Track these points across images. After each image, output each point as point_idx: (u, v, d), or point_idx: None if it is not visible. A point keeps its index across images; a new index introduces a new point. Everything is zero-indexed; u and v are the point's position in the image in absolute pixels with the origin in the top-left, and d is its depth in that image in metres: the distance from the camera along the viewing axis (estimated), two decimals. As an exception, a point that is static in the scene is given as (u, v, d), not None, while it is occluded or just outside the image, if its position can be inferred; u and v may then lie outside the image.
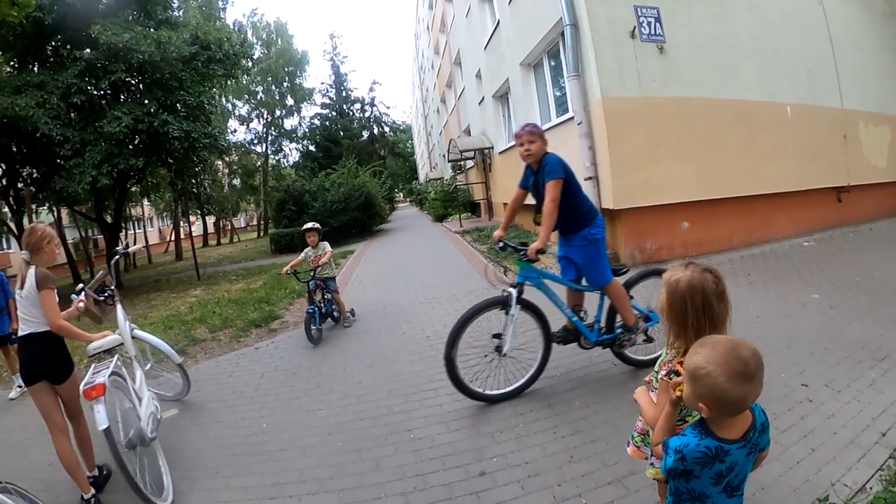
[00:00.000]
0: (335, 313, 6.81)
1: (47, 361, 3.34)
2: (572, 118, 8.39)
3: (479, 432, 3.48)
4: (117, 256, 5.19)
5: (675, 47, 8.00)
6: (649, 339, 4.15)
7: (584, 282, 4.13)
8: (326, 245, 6.79)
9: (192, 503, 3.18)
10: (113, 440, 3.01)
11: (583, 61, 7.92)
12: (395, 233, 22.12)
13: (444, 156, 29.35)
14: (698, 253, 7.91)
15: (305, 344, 6.04)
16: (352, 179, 22.41)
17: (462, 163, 24.43)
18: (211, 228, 46.69)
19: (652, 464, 1.98)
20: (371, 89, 50.35)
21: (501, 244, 4.05)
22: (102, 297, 4.14)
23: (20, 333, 3.40)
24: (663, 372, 1.87)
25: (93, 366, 3.42)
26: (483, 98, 17.39)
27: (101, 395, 3.06)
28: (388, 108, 64.08)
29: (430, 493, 2.89)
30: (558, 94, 10.20)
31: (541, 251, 3.75)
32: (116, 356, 3.57)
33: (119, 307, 4.22)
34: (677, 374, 1.75)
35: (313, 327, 6.11)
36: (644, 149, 7.73)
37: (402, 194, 52.52)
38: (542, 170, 3.86)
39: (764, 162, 8.50)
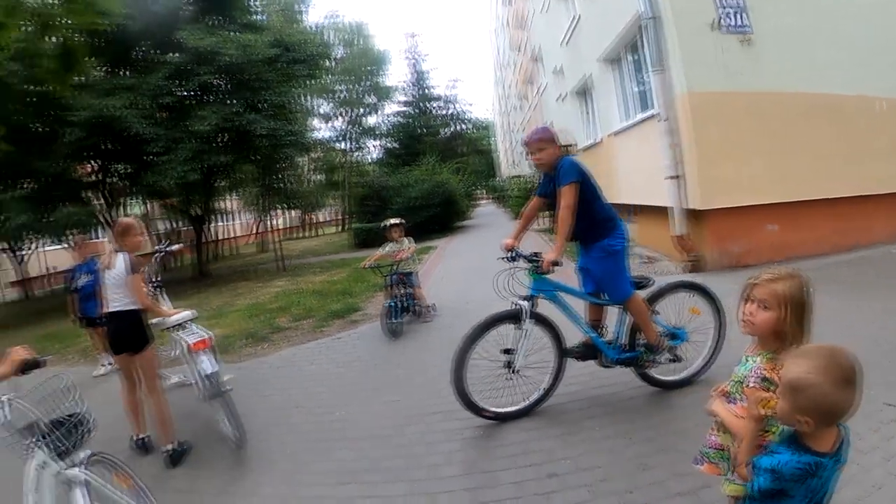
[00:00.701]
0: (416, 308, 6.89)
1: (130, 334, 4.01)
2: (654, 115, 8.15)
3: (549, 434, 3.47)
4: (161, 254, 5.58)
5: (760, 39, 7.58)
6: (676, 359, 3.84)
7: (603, 295, 3.84)
8: (409, 240, 6.91)
9: (270, 485, 3.34)
10: (217, 382, 3.89)
11: (665, 55, 7.67)
12: (476, 230, 22.22)
13: (524, 153, 29.19)
14: (787, 258, 7.50)
15: (385, 337, 6.18)
16: (433, 176, 22.65)
17: (544, 160, 24.27)
18: (295, 222, 48.26)
19: (730, 480, 1.90)
20: (451, 87, 50.53)
21: (512, 254, 3.76)
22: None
23: (108, 310, 4.04)
24: (752, 380, 1.76)
25: (179, 332, 4.22)
26: (563, 94, 17.15)
27: (207, 347, 4.04)
28: (468, 105, 64.03)
29: (500, 490, 2.92)
30: (638, 89, 9.92)
31: (556, 263, 3.52)
32: (193, 325, 4.31)
33: (164, 296, 5.08)
34: (771, 382, 1.67)
35: (392, 321, 6.26)
36: (731, 147, 7.40)
37: (482, 191, 52.56)
38: (557, 175, 3.63)
39: (856, 161, 7.89)
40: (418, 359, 5.34)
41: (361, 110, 44.53)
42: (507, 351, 3.70)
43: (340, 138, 44.31)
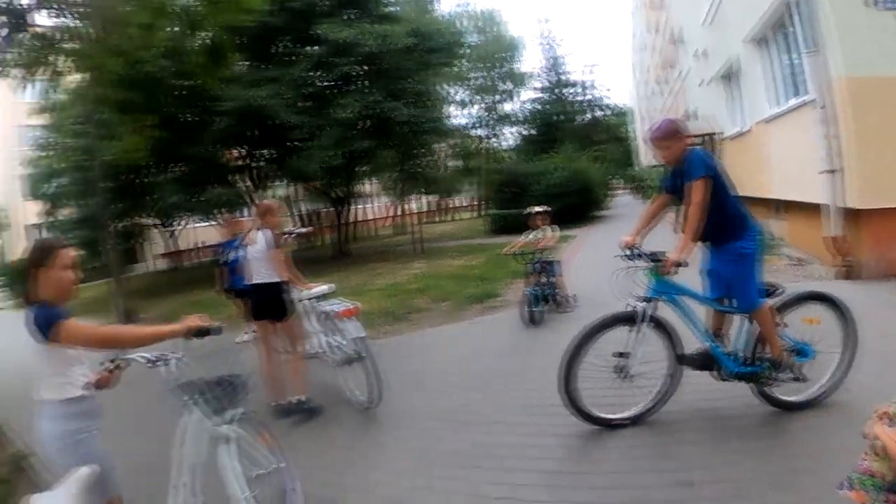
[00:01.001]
0: (556, 297, 6.84)
1: (272, 304, 4.59)
2: (808, 101, 7.33)
3: (687, 439, 3.35)
4: (290, 235, 5.87)
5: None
6: (800, 378, 3.45)
7: (729, 302, 3.54)
8: (553, 229, 6.90)
9: (403, 460, 3.55)
10: (364, 345, 4.44)
11: (819, 35, 6.82)
12: (615, 220, 21.59)
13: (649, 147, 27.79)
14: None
15: (522, 324, 6.24)
16: (571, 164, 22.30)
17: (686, 149, 23.00)
18: (430, 207, 49.53)
19: None
20: (587, 72, 48.78)
21: (631, 252, 3.52)
22: None
23: (252, 282, 4.69)
24: None
25: (322, 303, 4.83)
26: (706, 79, 16.03)
27: (355, 315, 4.55)
28: (606, 90, 61.62)
29: (630, 493, 2.86)
30: (790, 73, 9.00)
31: (679, 264, 3.26)
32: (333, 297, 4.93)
33: None
34: None
35: (531, 309, 6.29)
36: (896, 138, 6.52)
37: (619, 180, 50.68)
38: (685, 169, 3.38)
39: None
40: (555, 349, 5.27)
41: (497, 97, 44.42)
42: (620, 354, 3.50)
43: (476, 125, 44.57)
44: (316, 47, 16.20)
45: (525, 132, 44.15)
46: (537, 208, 6.98)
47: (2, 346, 12.55)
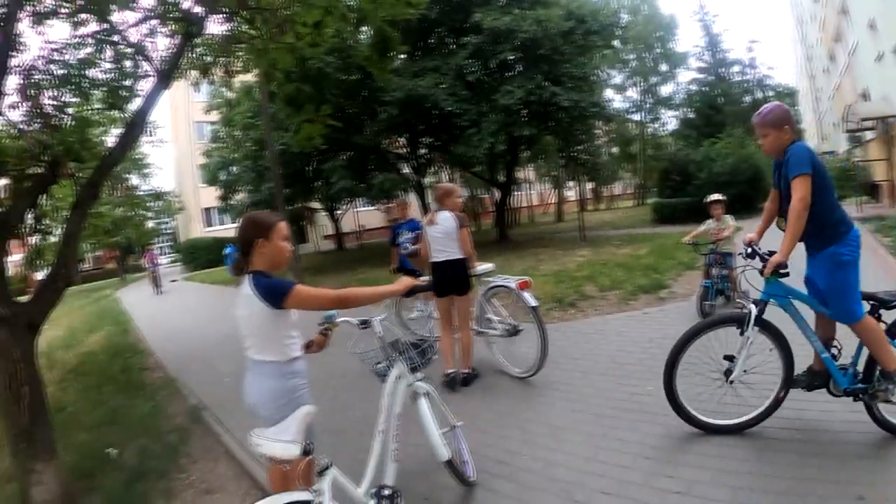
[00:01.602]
0: (728, 291, 6.45)
1: (455, 280, 4.96)
2: None
3: (859, 453, 3.07)
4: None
5: None
6: None
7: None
8: (730, 219, 6.50)
9: (576, 442, 3.58)
10: (540, 315, 4.92)
11: None
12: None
13: (836, 125, 24.77)
14: None
15: (695, 317, 5.95)
16: (738, 150, 20.63)
17: (860, 134, 20.49)
18: (588, 194, 48.50)
19: None
20: (749, 49, 44.17)
21: (749, 250, 3.40)
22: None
23: (435, 260, 5.04)
24: None
25: (497, 277, 5.35)
26: (882, 53, 13.97)
27: (529, 287, 5.02)
28: (768, 69, 55.70)
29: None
30: None
31: (782, 266, 3.11)
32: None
33: None
34: None
35: (706, 302, 6.02)
36: None
37: None
38: (785, 164, 3.17)
39: None
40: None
41: (654, 79, 42.21)
42: (728, 358, 3.41)
43: (634, 109, 42.77)
44: (473, 36, 16.48)
45: (684, 116, 41.39)
46: (714, 196, 6.56)
47: (177, 312, 14.44)
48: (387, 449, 2.87)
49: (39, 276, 4.59)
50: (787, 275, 3.18)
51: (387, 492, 2.67)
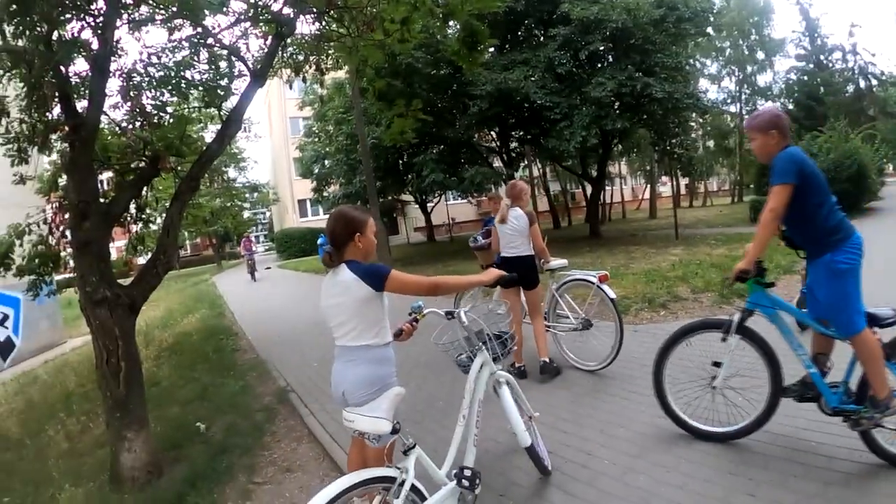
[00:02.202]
0: None
1: (525, 274, 5.12)
2: None
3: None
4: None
5: None
6: None
7: (828, 325, 3.19)
8: None
9: (660, 449, 3.49)
10: (617, 306, 5.11)
11: None
12: (891, 214, 17.90)
13: None
14: None
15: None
16: (841, 144, 19.03)
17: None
18: (682, 190, 46.68)
19: None
20: (850, 34, 40.17)
21: None
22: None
23: (506, 255, 5.27)
24: None
25: (573, 271, 5.51)
26: None
27: (606, 280, 5.16)
28: (872, 55, 50.47)
29: None
30: None
31: (743, 273, 3.16)
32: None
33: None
34: None
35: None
36: None
37: (891, 165, 41.72)
38: (770, 170, 3.17)
39: None
40: None
41: (750, 68, 39.66)
42: (716, 364, 3.46)
43: (730, 100, 40.47)
44: (562, 27, 16.19)
45: (783, 107, 38.50)
46: None
47: (270, 298, 15.03)
48: (469, 433, 2.94)
49: (141, 260, 4.91)
50: (769, 284, 3.27)
51: (468, 472, 2.73)
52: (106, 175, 5.37)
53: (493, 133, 22.97)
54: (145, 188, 5.16)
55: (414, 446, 2.50)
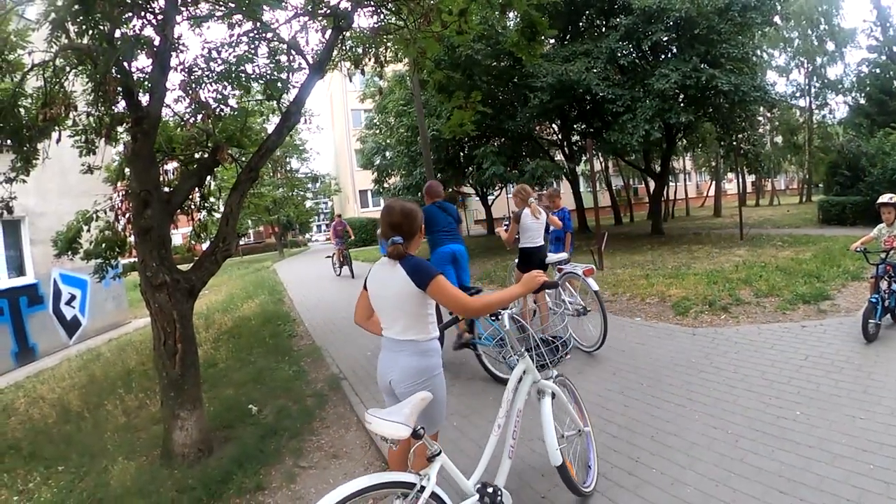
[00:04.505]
0: (894, 309, 5.55)
1: (541, 261, 6.27)
2: None
3: None
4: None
5: None
6: None
7: None
8: None
9: (707, 462, 3.36)
10: (601, 299, 5.81)
11: None
12: None
13: None
14: None
15: (858, 337, 5.24)
16: None
17: None
18: (749, 188, 44.85)
19: None
20: None
21: None
22: None
23: (532, 245, 6.38)
24: None
25: (568, 265, 6.21)
26: None
27: (592, 274, 5.89)
28: None
29: None
30: None
31: None
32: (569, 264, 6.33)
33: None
34: None
35: (871, 322, 5.17)
36: None
37: None
38: None
39: None
40: (893, 373, 4.40)
41: (820, 60, 37.26)
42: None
43: (799, 94, 38.18)
44: (623, 17, 15.75)
45: (855, 102, 35.98)
46: (888, 197, 5.63)
47: (328, 286, 15.25)
48: (503, 445, 2.85)
49: (204, 247, 5.08)
50: None
51: (490, 489, 2.66)
52: (171, 166, 5.58)
53: (554, 126, 22.66)
54: (208, 178, 5.32)
55: (439, 453, 2.44)
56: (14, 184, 4.99)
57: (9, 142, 4.66)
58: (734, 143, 19.44)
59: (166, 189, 4.80)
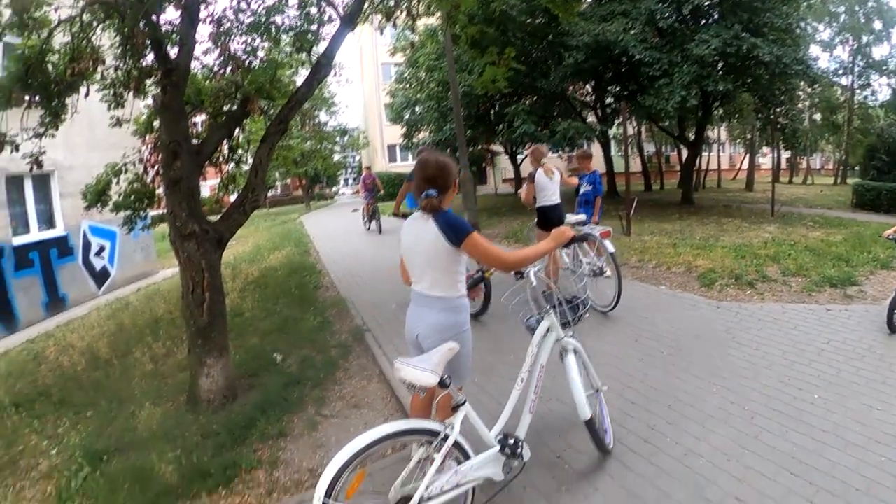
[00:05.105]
0: None
1: (559, 217, 6.43)
2: None
3: None
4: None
5: None
6: None
7: None
8: None
9: (722, 437, 3.35)
10: (617, 260, 5.95)
11: None
12: None
13: None
14: None
15: (883, 326, 5.09)
16: None
17: None
18: (783, 164, 43.56)
19: None
20: None
21: None
22: None
23: (550, 203, 6.59)
24: None
25: (585, 227, 5.97)
26: None
27: (609, 236, 5.92)
28: None
29: None
30: None
31: None
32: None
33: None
34: None
35: (892, 312, 5.07)
36: None
37: None
38: None
39: None
40: None
41: (866, 38, 35.48)
42: None
43: (842, 72, 36.51)
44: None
45: None
46: None
47: (354, 239, 15.31)
48: (525, 398, 2.90)
49: (232, 198, 5.12)
50: None
51: (511, 440, 2.72)
52: (199, 118, 5.59)
53: (588, 87, 22.15)
54: (237, 130, 5.33)
55: (463, 403, 2.49)
56: (43, 138, 5.04)
57: (37, 97, 4.70)
58: (771, 116, 18.88)
59: (195, 141, 4.83)
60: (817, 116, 38.52)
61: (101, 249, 12.54)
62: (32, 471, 3.82)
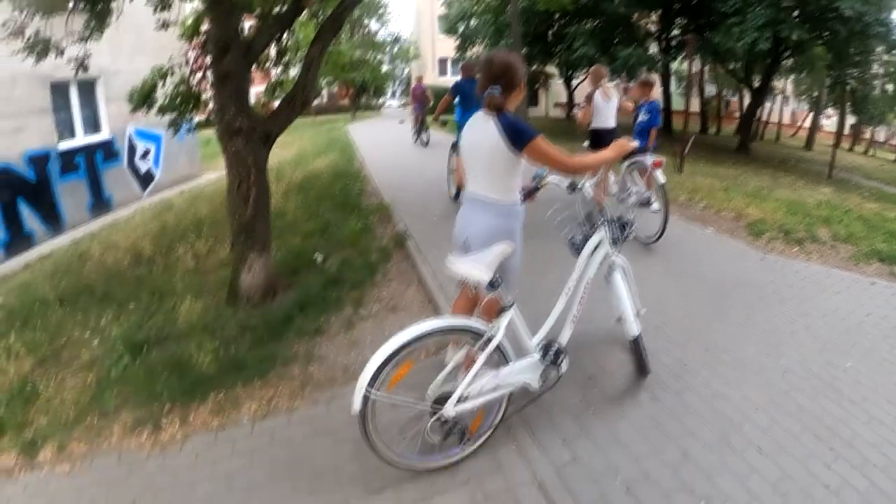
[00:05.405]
0: None
1: (610, 142, 5.92)
2: None
3: None
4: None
5: None
6: None
7: None
8: None
9: (751, 402, 3.27)
10: (666, 192, 5.87)
11: None
12: None
13: None
14: None
15: None
16: None
17: None
18: (847, 129, 41.36)
19: None
20: None
21: None
22: None
23: (607, 126, 6.63)
24: None
25: (637, 155, 5.96)
26: None
27: (661, 166, 5.89)
28: None
29: None
30: None
31: None
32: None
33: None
34: None
35: None
36: None
37: None
38: None
39: None
40: None
41: None
42: None
43: None
44: None
45: None
46: None
47: (401, 148, 15.16)
48: (569, 310, 2.92)
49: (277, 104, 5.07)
50: None
51: (554, 348, 2.75)
52: (249, 23, 5.43)
53: (654, 15, 21.08)
54: (286, 33, 5.19)
55: (511, 305, 2.49)
56: (88, 43, 4.96)
57: (82, 1, 4.62)
58: (843, 76, 17.78)
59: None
60: (890, 86, 36.13)
61: (147, 152, 12.71)
62: (74, 361, 3.98)
